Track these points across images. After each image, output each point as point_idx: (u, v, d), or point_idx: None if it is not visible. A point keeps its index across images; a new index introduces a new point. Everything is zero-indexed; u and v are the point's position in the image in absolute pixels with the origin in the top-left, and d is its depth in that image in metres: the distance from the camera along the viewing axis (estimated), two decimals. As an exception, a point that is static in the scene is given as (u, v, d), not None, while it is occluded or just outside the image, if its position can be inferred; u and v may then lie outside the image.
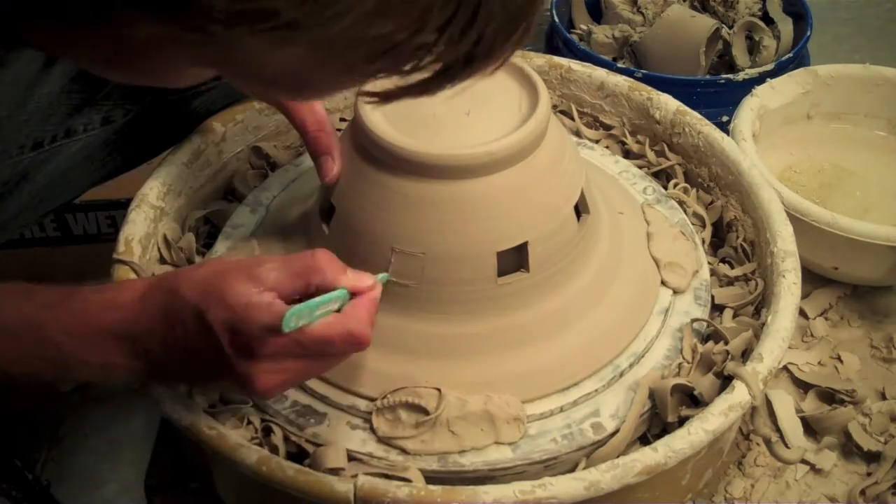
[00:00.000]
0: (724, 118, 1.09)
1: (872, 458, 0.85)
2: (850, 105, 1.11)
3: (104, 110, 0.79)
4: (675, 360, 0.74)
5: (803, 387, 0.92)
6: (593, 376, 0.72)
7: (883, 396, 0.91)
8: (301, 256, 0.58)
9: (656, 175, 0.92)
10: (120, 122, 0.80)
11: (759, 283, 0.80)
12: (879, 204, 1.04)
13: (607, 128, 0.96)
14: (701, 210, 0.89)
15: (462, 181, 0.67)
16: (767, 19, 1.28)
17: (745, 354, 0.73)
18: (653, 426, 0.73)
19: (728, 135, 0.91)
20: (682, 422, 0.69)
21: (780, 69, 1.16)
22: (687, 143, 0.90)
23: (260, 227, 0.82)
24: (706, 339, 0.77)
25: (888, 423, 0.87)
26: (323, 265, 0.57)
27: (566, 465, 0.69)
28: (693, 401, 0.72)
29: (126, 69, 0.47)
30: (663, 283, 0.79)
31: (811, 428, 0.88)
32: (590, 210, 0.74)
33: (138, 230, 0.77)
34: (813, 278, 0.99)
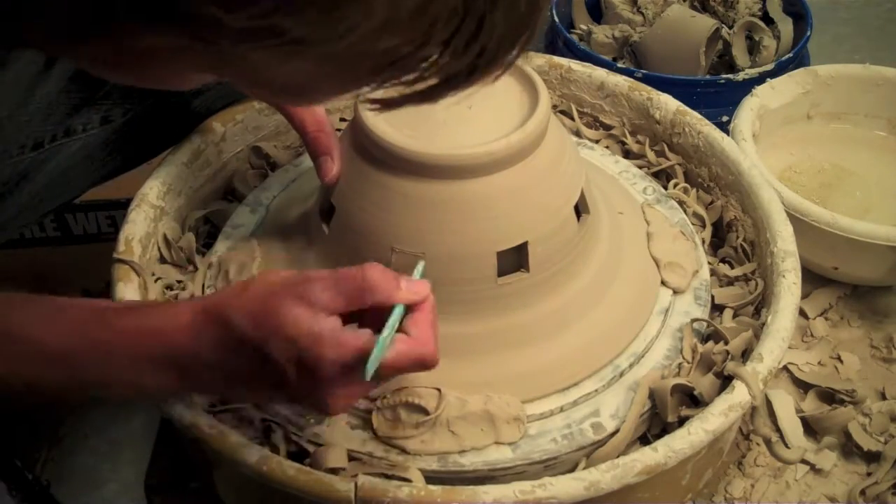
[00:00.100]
0: (724, 118, 1.09)
1: (872, 458, 0.85)
2: (850, 105, 1.11)
3: (103, 110, 0.79)
4: (675, 360, 0.74)
5: (803, 387, 0.92)
6: (593, 376, 0.72)
7: (883, 396, 0.91)
8: (351, 276, 0.56)
9: (656, 175, 0.92)
10: (119, 121, 0.80)
11: (759, 283, 0.80)
12: (879, 204, 1.04)
13: (607, 128, 0.96)
14: (701, 210, 0.89)
15: (462, 181, 0.67)
16: (767, 19, 1.28)
17: (745, 354, 0.73)
18: (653, 426, 0.73)
19: (728, 135, 0.91)
20: (682, 422, 0.69)
21: (780, 69, 1.15)
22: (687, 143, 0.90)
23: (260, 227, 0.82)
24: (706, 339, 0.77)
25: (888, 423, 0.87)
26: (376, 283, 0.56)
27: (566, 465, 0.69)
28: (693, 401, 0.72)
29: (126, 73, 0.47)
30: (663, 283, 0.79)
31: (811, 428, 0.88)
32: (590, 210, 0.74)
33: (138, 230, 0.77)
34: (813, 278, 0.99)
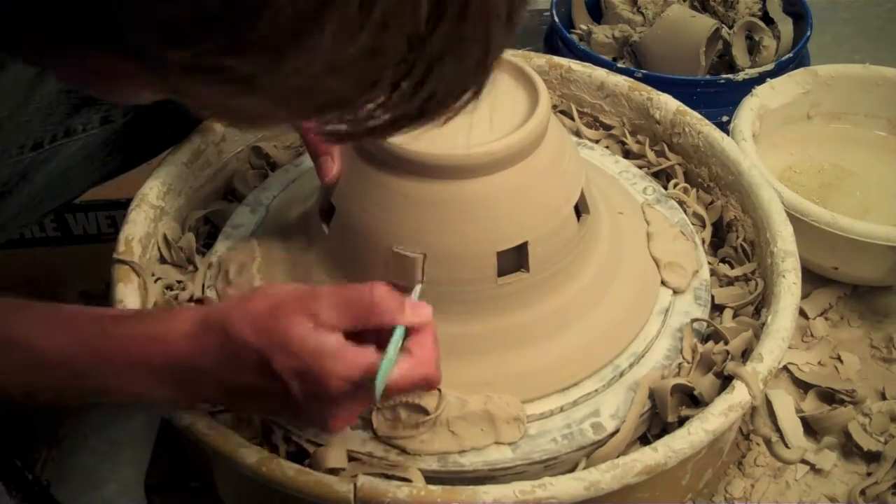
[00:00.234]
0: (724, 118, 1.09)
1: (872, 458, 0.85)
2: (850, 105, 1.11)
3: (103, 110, 0.79)
4: (675, 360, 0.74)
5: (803, 387, 0.92)
6: (593, 376, 0.72)
7: (883, 396, 0.91)
8: (359, 293, 0.57)
9: (656, 175, 0.92)
10: (119, 121, 0.80)
11: (759, 283, 0.80)
12: (879, 204, 1.04)
13: (607, 128, 0.96)
14: (701, 210, 0.89)
15: (462, 181, 0.66)
16: (767, 19, 1.28)
17: (745, 354, 0.73)
18: (653, 426, 0.73)
19: (728, 135, 0.91)
20: (682, 422, 0.69)
21: (780, 69, 1.15)
22: (687, 143, 0.90)
23: (260, 227, 0.82)
24: (706, 339, 0.77)
25: (888, 423, 0.87)
26: (381, 304, 0.56)
27: (566, 465, 0.69)
28: (693, 401, 0.72)
29: (93, 88, 0.47)
30: (663, 283, 0.79)
31: (811, 428, 0.88)
32: (590, 210, 0.74)
33: (138, 230, 0.77)
34: (813, 278, 0.99)
